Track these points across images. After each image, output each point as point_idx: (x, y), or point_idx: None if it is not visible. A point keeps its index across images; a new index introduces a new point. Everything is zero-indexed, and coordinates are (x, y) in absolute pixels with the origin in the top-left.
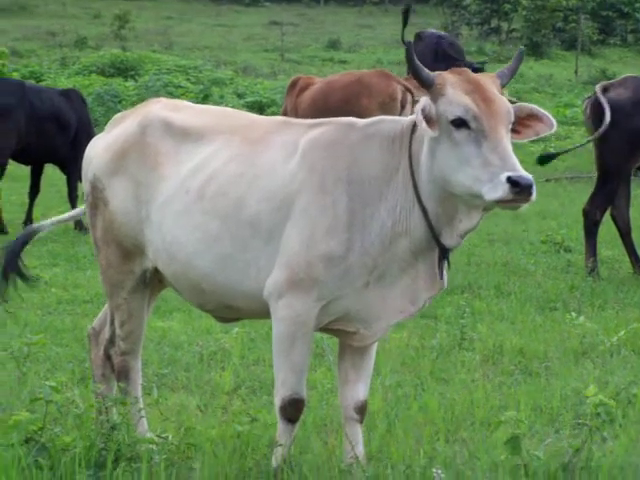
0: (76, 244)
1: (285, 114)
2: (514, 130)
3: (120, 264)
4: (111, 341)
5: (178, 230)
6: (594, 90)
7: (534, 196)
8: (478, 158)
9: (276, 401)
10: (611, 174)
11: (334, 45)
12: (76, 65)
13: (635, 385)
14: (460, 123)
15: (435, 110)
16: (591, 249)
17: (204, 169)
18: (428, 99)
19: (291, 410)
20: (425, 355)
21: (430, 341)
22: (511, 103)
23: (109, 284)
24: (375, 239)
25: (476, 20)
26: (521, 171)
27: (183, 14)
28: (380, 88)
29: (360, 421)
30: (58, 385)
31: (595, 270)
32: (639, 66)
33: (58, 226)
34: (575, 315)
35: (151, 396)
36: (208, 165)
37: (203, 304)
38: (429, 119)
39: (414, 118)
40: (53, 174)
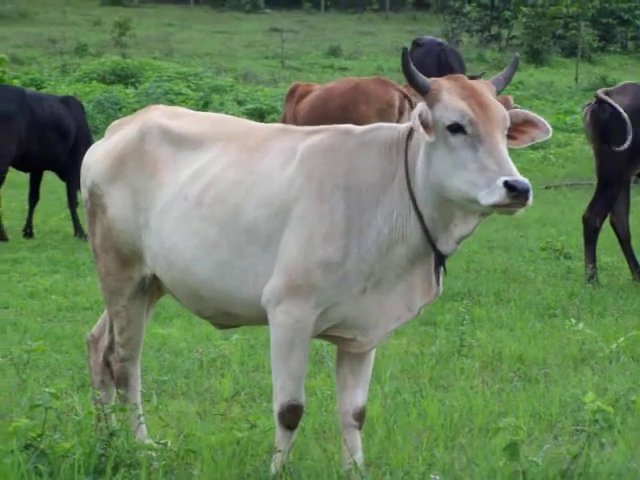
0: (76, 251)
1: (284, 121)
2: (510, 136)
3: (119, 271)
4: (110, 348)
5: (176, 237)
6: (594, 97)
7: (531, 201)
8: (474, 163)
9: (274, 407)
10: (611, 181)
11: (334, 52)
12: (76, 72)
13: (634, 392)
14: (456, 128)
15: (431, 116)
16: (591, 256)
17: (202, 176)
18: (424, 105)
19: (290, 416)
20: (424, 362)
21: (429, 348)
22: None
23: (108, 291)
24: (372, 246)
25: (476, 27)
26: (518, 175)
27: (184, 21)
28: (378, 95)
29: (359, 427)
30: (58, 392)
31: (595, 277)
32: (639, 73)
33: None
34: (574, 322)
35: (151, 403)
36: (206, 172)
37: (201, 311)
38: (425, 125)
39: (410, 125)
40: (53, 181)
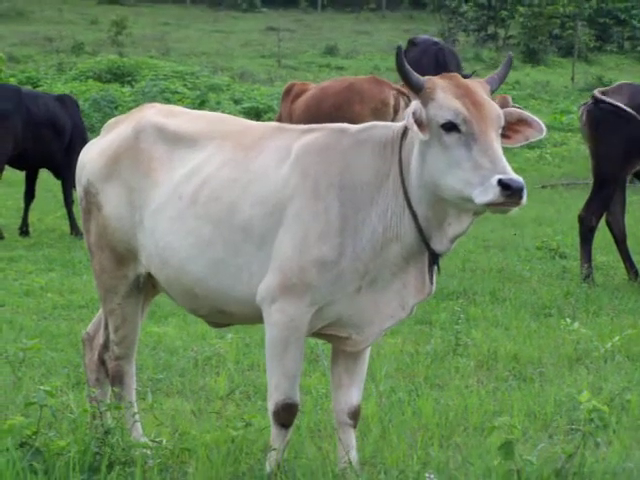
0: (72, 249)
1: (280, 120)
2: (504, 135)
3: (114, 269)
4: (105, 346)
5: (171, 235)
6: (591, 97)
7: (524, 200)
8: (468, 161)
9: (269, 406)
10: (607, 181)
11: (331, 51)
12: (73, 71)
13: (629, 391)
14: (450, 127)
15: (425, 114)
16: (586, 255)
17: (197, 174)
18: (418, 103)
19: (284, 415)
20: (420, 360)
21: (425, 347)
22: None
23: (103, 289)
24: (366, 244)
25: (473, 27)
26: (512, 174)
27: (180, 20)
28: (372, 94)
29: (353, 426)
30: (53, 390)
31: (590, 276)
32: (635, 73)
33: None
34: (570, 321)
35: (146, 401)
36: (201, 170)
37: (196, 309)
38: (419, 123)
39: (404, 123)
40: (48, 179)
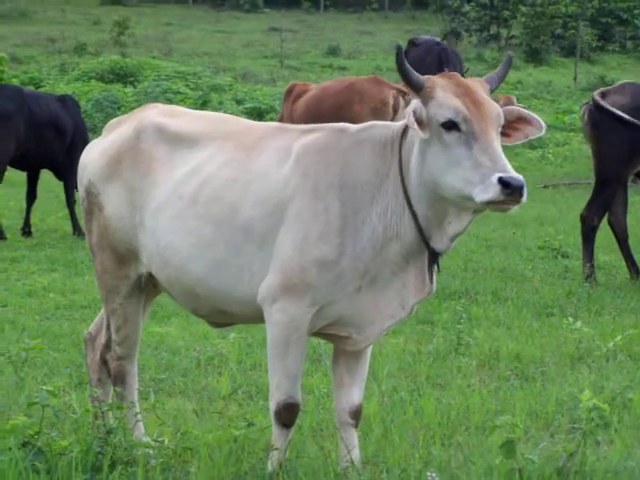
0: (74, 250)
1: (282, 120)
2: (504, 134)
3: (115, 269)
4: (107, 346)
5: (172, 235)
6: (592, 97)
7: (525, 198)
8: (469, 160)
9: (271, 405)
10: (609, 180)
11: (334, 51)
12: (75, 71)
13: (631, 390)
14: (451, 125)
15: (425, 113)
16: (588, 255)
17: (198, 174)
18: (419, 102)
19: (286, 414)
20: (422, 360)
21: (427, 346)
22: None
23: (105, 289)
24: (367, 244)
25: (475, 27)
26: (512, 172)
27: (183, 20)
28: (372, 94)
29: (355, 425)
30: (55, 390)
31: (592, 276)
32: (638, 73)
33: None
34: (572, 320)
35: (148, 401)
36: (202, 170)
37: (197, 309)
38: (420, 122)
39: (404, 123)
40: (50, 180)
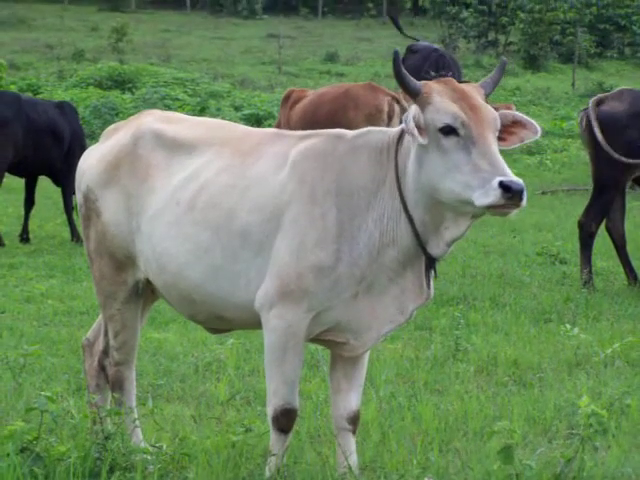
0: (72, 256)
1: (279, 127)
2: (500, 138)
3: (113, 275)
4: (105, 352)
5: (168, 241)
6: (589, 104)
7: (524, 202)
8: (468, 165)
9: (268, 411)
10: (607, 187)
11: (332, 58)
12: (73, 78)
13: (628, 396)
14: (449, 130)
15: (423, 118)
16: (586, 261)
17: (195, 180)
18: (417, 107)
19: (283, 420)
20: (419, 366)
21: (425, 352)
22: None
23: (102, 295)
24: (363, 250)
25: (473, 33)
26: (512, 176)
27: (181, 27)
28: (367, 100)
29: (353, 431)
30: (53, 395)
31: (590, 282)
32: (636, 79)
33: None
34: (570, 327)
35: (146, 406)
36: (199, 176)
37: (194, 315)
38: (418, 127)
39: (400, 128)
40: (48, 186)
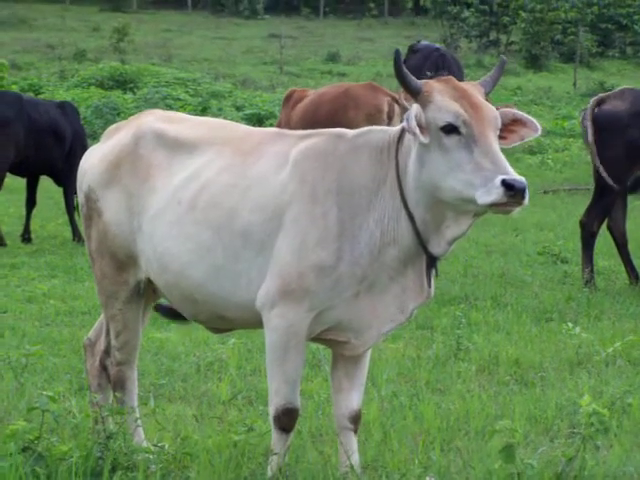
0: (74, 256)
1: (280, 126)
2: (500, 136)
3: (114, 275)
4: (107, 352)
5: (170, 241)
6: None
7: (527, 200)
8: (470, 163)
9: (270, 410)
10: (608, 186)
11: (333, 58)
12: (75, 78)
13: (630, 395)
14: (450, 129)
15: (424, 117)
16: (588, 260)
17: (196, 180)
18: (418, 106)
19: (285, 419)
20: (421, 365)
21: (426, 351)
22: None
23: (104, 295)
24: (364, 249)
25: (475, 33)
26: (514, 174)
27: (182, 27)
28: (366, 100)
29: (354, 430)
30: (55, 395)
31: (591, 281)
32: (638, 78)
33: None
34: (571, 326)
35: (148, 406)
36: (200, 176)
37: (195, 314)
38: (419, 126)
39: (400, 127)
40: (50, 186)
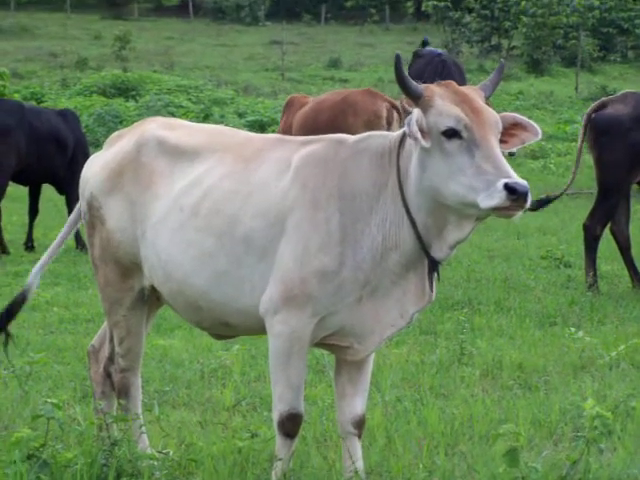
0: (78, 263)
1: (281, 133)
2: (501, 140)
3: (118, 282)
4: (110, 358)
5: (173, 248)
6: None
7: (529, 203)
8: (471, 167)
9: (274, 416)
10: (611, 190)
11: (335, 64)
12: (77, 86)
13: (633, 398)
14: (452, 133)
15: (425, 122)
16: (591, 264)
17: (198, 186)
18: (419, 111)
19: (289, 425)
20: (425, 370)
21: (430, 356)
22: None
23: (108, 302)
24: (366, 254)
25: (476, 38)
26: (517, 178)
27: (184, 34)
28: (365, 106)
29: (358, 435)
30: (60, 402)
31: (595, 285)
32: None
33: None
34: (574, 330)
35: (152, 413)
36: (202, 182)
37: (199, 321)
38: (420, 130)
39: (401, 132)
40: (53, 194)
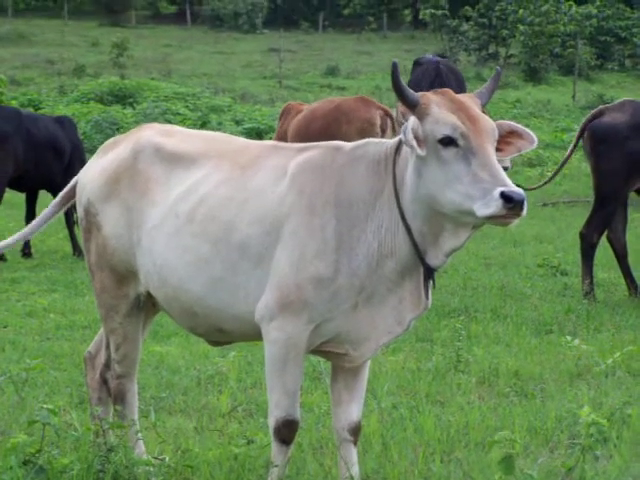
0: (74, 270)
1: (277, 140)
2: (497, 148)
3: (114, 288)
4: (107, 365)
5: (168, 254)
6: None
7: (525, 212)
8: (468, 175)
9: (270, 422)
10: (608, 198)
11: (332, 72)
12: (75, 93)
13: (629, 406)
14: (448, 141)
15: (421, 130)
16: (587, 272)
17: (194, 193)
18: (416, 119)
19: (285, 431)
20: (421, 377)
21: (426, 364)
22: None
23: (104, 308)
24: (362, 261)
25: (474, 46)
26: (513, 186)
27: (181, 41)
28: (359, 114)
29: (354, 442)
30: (56, 408)
31: (591, 293)
32: (637, 90)
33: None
34: (570, 338)
35: (149, 419)
36: (198, 189)
37: (195, 327)
38: (416, 138)
39: (397, 139)
40: (49, 201)
